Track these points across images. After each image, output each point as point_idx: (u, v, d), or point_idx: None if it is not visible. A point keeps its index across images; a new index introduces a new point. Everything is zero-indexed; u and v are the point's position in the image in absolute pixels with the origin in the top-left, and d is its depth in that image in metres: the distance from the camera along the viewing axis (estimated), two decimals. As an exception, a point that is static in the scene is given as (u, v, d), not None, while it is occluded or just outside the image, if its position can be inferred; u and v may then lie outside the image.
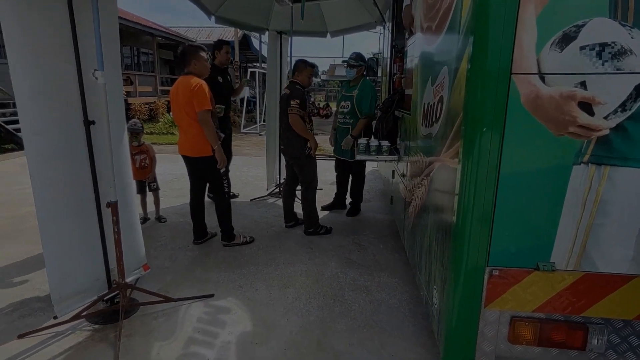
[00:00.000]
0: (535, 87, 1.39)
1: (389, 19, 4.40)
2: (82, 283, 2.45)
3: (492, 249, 1.52)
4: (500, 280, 1.54)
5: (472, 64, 1.43)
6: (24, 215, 4.40)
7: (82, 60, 2.25)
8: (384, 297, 2.84)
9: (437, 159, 1.89)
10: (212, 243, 3.72)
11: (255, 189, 5.51)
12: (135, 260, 2.71)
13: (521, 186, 1.47)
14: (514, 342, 1.62)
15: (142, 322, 2.53)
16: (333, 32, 5.65)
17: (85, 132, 2.33)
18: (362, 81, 4.13)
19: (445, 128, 1.76)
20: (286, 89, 3.79)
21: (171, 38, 14.52)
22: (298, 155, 3.75)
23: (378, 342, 2.35)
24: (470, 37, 1.45)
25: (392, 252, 3.58)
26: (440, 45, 1.91)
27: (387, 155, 3.35)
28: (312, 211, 3.89)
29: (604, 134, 1.43)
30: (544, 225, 1.50)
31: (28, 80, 2.10)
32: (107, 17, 2.29)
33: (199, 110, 3.10)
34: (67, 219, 2.33)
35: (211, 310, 2.65)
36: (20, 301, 2.73)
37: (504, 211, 1.48)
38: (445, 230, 1.74)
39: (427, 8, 2.21)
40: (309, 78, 3.82)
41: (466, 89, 1.47)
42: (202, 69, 3.26)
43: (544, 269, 1.51)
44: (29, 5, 2.04)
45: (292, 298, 2.81)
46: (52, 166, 2.23)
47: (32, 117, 2.14)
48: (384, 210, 4.78)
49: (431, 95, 2.05)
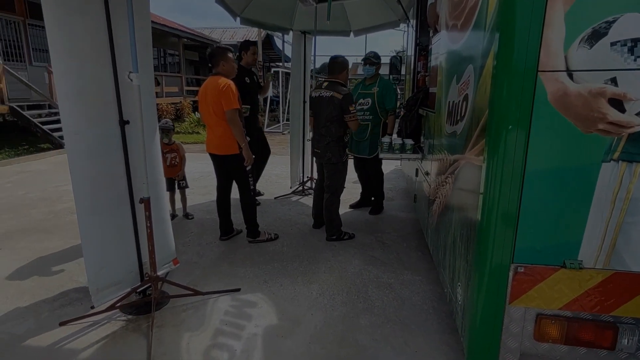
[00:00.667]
0: (563, 84, 1.38)
1: (413, 17, 4.37)
2: (117, 275, 2.58)
3: (518, 245, 1.52)
4: (526, 277, 1.54)
5: (497, 61, 1.44)
6: (59, 211, 4.64)
7: (118, 62, 2.37)
8: (407, 295, 2.85)
9: (461, 157, 1.90)
10: (238, 239, 3.82)
11: (279, 187, 5.60)
12: (166, 255, 2.83)
13: (547, 184, 1.46)
14: (539, 340, 1.62)
15: (172, 313, 2.64)
16: (356, 31, 5.67)
17: (121, 131, 2.46)
18: (379, 78, 4.18)
19: (470, 126, 1.76)
20: (330, 90, 3.49)
21: (196, 39, 14.84)
22: (336, 161, 3.60)
23: (402, 338, 2.37)
24: (496, 34, 1.46)
25: (415, 250, 3.58)
26: (465, 43, 1.92)
27: (411, 153, 3.35)
28: (334, 218, 3.77)
29: (635, 131, 1.41)
30: (572, 223, 1.49)
31: (69, 82, 2.23)
32: (140, 22, 2.40)
33: (227, 109, 3.20)
34: (104, 213, 2.45)
35: (238, 304, 2.74)
36: (61, 292, 2.89)
37: (529, 208, 1.48)
38: (469, 228, 1.75)
39: (453, 6, 2.20)
40: (347, 76, 3.68)
41: (492, 87, 1.47)
42: (230, 70, 3.35)
43: (571, 267, 1.50)
44: (70, 12, 2.17)
45: (316, 294, 2.86)
46: (90, 163, 2.36)
47: (72, 117, 2.27)
48: (407, 209, 4.77)
49: (456, 93, 2.05)
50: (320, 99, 3.54)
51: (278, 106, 14.30)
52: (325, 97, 3.50)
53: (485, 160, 1.53)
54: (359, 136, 4.24)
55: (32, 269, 3.23)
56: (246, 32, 17.37)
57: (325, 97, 3.50)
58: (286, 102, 14.73)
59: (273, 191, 5.45)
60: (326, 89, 3.53)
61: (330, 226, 3.77)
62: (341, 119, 3.51)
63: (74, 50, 2.21)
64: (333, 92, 3.48)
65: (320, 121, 3.57)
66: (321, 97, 3.54)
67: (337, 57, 3.63)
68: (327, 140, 3.56)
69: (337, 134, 3.55)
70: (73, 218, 4.40)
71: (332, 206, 3.73)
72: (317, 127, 3.63)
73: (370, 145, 4.21)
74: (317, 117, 3.62)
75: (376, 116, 4.13)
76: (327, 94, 3.50)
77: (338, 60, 3.61)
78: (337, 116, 3.50)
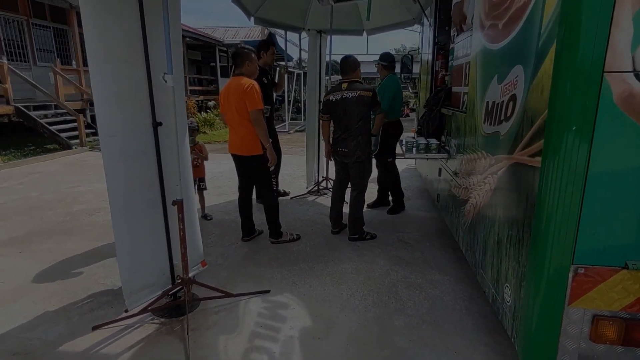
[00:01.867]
0: (630, 85, 1.37)
1: (431, 16, 4.36)
2: (150, 278, 2.56)
3: (578, 247, 1.52)
4: (586, 278, 1.53)
5: (561, 62, 1.43)
6: (76, 212, 4.62)
7: (152, 64, 2.35)
8: (437, 295, 2.85)
9: (508, 158, 1.89)
10: (260, 240, 3.81)
11: (293, 187, 5.58)
12: (195, 257, 2.81)
13: (610, 185, 1.46)
14: (596, 341, 1.61)
15: (204, 316, 2.62)
16: (370, 30, 5.66)
17: (154, 133, 2.44)
18: (387, 78, 4.24)
19: (520, 126, 1.76)
20: (354, 90, 3.47)
21: (199, 39, 14.78)
22: (365, 159, 3.62)
23: (438, 339, 2.37)
24: (557, 36, 1.45)
25: (440, 250, 3.57)
26: (511, 44, 1.91)
27: (436, 153, 3.35)
28: (360, 217, 3.77)
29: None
30: (634, 223, 1.48)
31: (106, 85, 2.21)
32: (173, 22, 2.37)
33: (251, 109, 3.19)
34: (137, 215, 2.44)
35: (269, 306, 2.73)
36: (88, 295, 2.87)
37: (591, 210, 1.48)
38: (520, 229, 1.74)
39: (492, 6, 2.19)
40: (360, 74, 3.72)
41: (553, 89, 1.46)
42: (254, 71, 3.35)
43: (634, 268, 1.50)
44: (106, 13, 2.15)
45: (346, 295, 2.85)
46: (124, 166, 2.34)
47: (107, 120, 2.26)
48: (426, 208, 4.76)
49: (498, 93, 2.05)
50: (345, 101, 3.50)
51: (282, 105, 14.26)
52: (352, 97, 3.48)
53: (544, 161, 1.52)
54: None
55: (55, 272, 3.21)
56: (248, 31, 17.32)
57: (352, 97, 3.48)
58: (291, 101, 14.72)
59: (289, 191, 5.43)
60: (349, 90, 3.50)
61: (354, 225, 3.76)
62: (369, 116, 3.56)
63: (111, 52, 2.20)
64: (359, 92, 3.47)
65: (349, 121, 3.52)
66: (346, 98, 3.50)
67: (348, 57, 3.63)
68: (359, 139, 3.54)
69: (368, 131, 3.59)
70: (92, 220, 4.39)
71: (359, 204, 3.74)
72: (344, 128, 3.57)
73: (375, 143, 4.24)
74: (342, 119, 3.56)
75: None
76: (352, 94, 3.48)
77: (350, 60, 3.61)
78: (367, 114, 3.53)
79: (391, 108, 4.15)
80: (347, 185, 3.88)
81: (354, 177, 3.72)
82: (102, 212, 4.57)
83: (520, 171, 1.76)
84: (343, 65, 3.62)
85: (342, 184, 3.88)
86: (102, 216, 4.48)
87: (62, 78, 9.83)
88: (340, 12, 5.03)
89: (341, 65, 3.65)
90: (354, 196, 3.75)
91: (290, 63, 16.72)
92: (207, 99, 15.59)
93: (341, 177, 3.87)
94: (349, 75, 3.58)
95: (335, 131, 3.68)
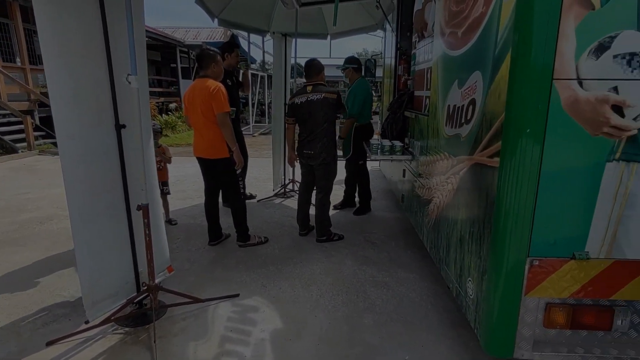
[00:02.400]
0: (574, 91, 1.51)
1: (394, 22, 4.51)
2: (113, 286, 2.47)
3: (533, 240, 1.64)
4: (540, 269, 1.66)
5: (515, 70, 1.54)
6: (25, 221, 4.33)
7: (114, 65, 2.27)
8: (404, 292, 2.94)
9: (469, 158, 2.00)
10: (227, 244, 3.76)
11: (259, 190, 5.55)
12: (161, 262, 2.74)
13: (560, 182, 1.59)
14: (548, 327, 1.75)
15: (171, 323, 2.56)
16: (334, 35, 5.75)
17: (117, 135, 2.36)
18: (356, 82, 4.33)
19: (480, 129, 1.87)
20: (319, 92, 3.53)
21: (158, 39, 14.30)
22: (330, 161, 3.68)
23: (407, 335, 2.45)
24: (511, 45, 1.56)
25: (405, 249, 3.69)
26: (469, 51, 2.03)
27: (401, 155, 3.46)
28: (326, 218, 3.82)
29: (633, 134, 1.57)
30: (580, 217, 1.63)
31: (63, 85, 2.11)
32: (136, 23, 2.31)
33: (218, 112, 3.16)
34: (99, 221, 2.34)
35: (239, 310, 2.70)
36: (42, 308, 2.71)
37: (544, 205, 1.61)
38: (482, 225, 1.85)
39: (450, 15, 2.32)
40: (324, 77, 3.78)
41: (509, 94, 1.58)
42: (219, 73, 3.32)
43: (580, 258, 1.64)
44: (63, 12, 2.06)
45: (316, 295, 2.88)
46: (85, 169, 2.25)
47: (66, 122, 2.16)
48: (391, 209, 4.90)
49: (459, 97, 2.16)
50: (310, 103, 3.56)
51: (246, 108, 14.10)
52: (317, 99, 3.54)
53: (502, 162, 1.63)
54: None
55: (2, 286, 2.99)
56: (210, 32, 16.99)
57: (317, 99, 3.54)
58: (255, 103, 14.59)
59: (253, 194, 5.39)
60: (314, 92, 3.56)
61: (321, 227, 3.80)
62: (334, 118, 3.65)
63: (69, 52, 2.10)
64: (324, 94, 3.54)
65: (314, 124, 3.58)
66: (311, 100, 3.55)
67: (312, 61, 3.70)
68: (324, 141, 3.60)
69: (333, 134, 3.67)
70: (44, 228, 4.14)
71: (324, 206, 3.79)
72: (309, 130, 3.61)
73: (347, 146, 4.33)
74: (307, 121, 3.60)
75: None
76: (317, 97, 3.54)
77: (314, 63, 3.68)
78: (332, 116, 3.62)
79: (361, 112, 4.25)
80: (313, 187, 3.91)
81: (320, 179, 3.77)
82: (56, 220, 4.32)
83: (480, 171, 1.88)
84: (307, 68, 3.67)
85: (308, 186, 3.91)
86: (55, 224, 4.23)
87: (3, 76, 9.17)
88: (305, 16, 5.08)
89: (305, 69, 3.70)
90: (319, 198, 3.79)
91: (253, 65, 16.58)
92: (167, 100, 15.12)
93: (307, 180, 3.89)
94: (313, 78, 3.64)
95: (301, 134, 3.71)
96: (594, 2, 1.46)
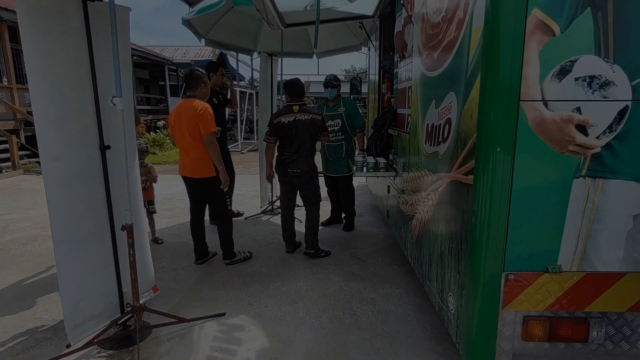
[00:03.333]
0: (540, 112, 1.59)
1: (377, 40, 4.65)
2: (96, 308, 2.44)
3: (508, 255, 1.70)
4: (515, 283, 1.71)
5: (485, 92, 1.63)
6: (7, 243, 4.27)
7: (99, 87, 2.31)
8: (390, 308, 2.96)
9: (447, 175, 2.07)
10: (214, 262, 3.75)
11: (247, 208, 5.55)
12: (146, 283, 2.72)
13: (531, 198, 1.66)
14: (527, 340, 1.79)
15: (156, 344, 2.53)
16: (320, 54, 5.88)
17: (101, 156, 2.38)
18: (342, 99, 4.41)
19: (456, 147, 1.94)
20: (306, 113, 3.61)
21: (147, 57, 14.40)
22: (315, 177, 3.76)
23: (392, 350, 2.46)
24: (480, 69, 1.65)
25: (391, 264, 3.73)
26: (444, 73, 2.12)
27: (385, 171, 3.53)
28: (317, 232, 3.88)
29: (596, 151, 1.65)
30: (551, 231, 1.69)
31: (48, 106, 2.14)
32: (122, 46, 2.36)
33: (205, 132, 3.20)
34: (83, 243, 2.34)
35: (225, 329, 2.69)
36: (22, 332, 2.66)
37: (517, 221, 1.67)
38: (459, 240, 1.90)
39: (427, 37, 2.42)
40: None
41: (480, 114, 1.66)
42: (207, 93, 3.39)
43: (553, 271, 1.70)
44: (49, 35, 2.10)
45: (302, 313, 2.89)
46: (69, 191, 2.26)
47: (50, 143, 2.17)
48: (377, 224, 4.94)
49: (436, 116, 2.24)
50: (297, 123, 3.60)
51: (235, 125, 14.17)
52: (305, 120, 3.61)
53: (476, 178, 1.70)
54: (334, 156, 4.41)
55: (-16, 309, 2.94)
56: (199, 50, 17.17)
57: (305, 120, 3.61)
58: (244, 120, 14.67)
59: (240, 211, 5.39)
60: (301, 112, 3.62)
61: (312, 238, 3.84)
62: (317, 138, 3.74)
63: (54, 74, 2.14)
64: (312, 115, 3.64)
65: (301, 143, 3.62)
66: (299, 120, 3.60)
67: (297, 81, 3.75)
68: (309, 160, 3.69)
69: (314, 152, 3.77)
70: (27, 249, 4.08)
71: (318, 218, 3.87)
72: (295, 149, 3.64)
73: (347, 164, 4.38)
74: (294, 140, 3.63)
75: (347, 135, 4.34)
76: (305, 117, 3.61)
77: (299, 84, 3.75)
78: (315, 136, 3.72)
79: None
80: (294, 204, 3.94)
81: (310, 196, 3.81)
82: (40, 240, 4.26)
83: (457, 188, 1.94)
84: (294, 88, 3.72)
85: (290, 203, 3.90)
86: (39, 244, 4.18)
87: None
88: (290, 36, 5.20)
89: (291, 89, 3.72)
90: (312, 211, 3.84)
91: (242, 82, 16.73)
92: (156, 118, 15.12)
93: (289, 197, 3.88)
94: (300, 98, 3.73)
95: (283, 153, 3.71)
96: (555, 29, 1.56)
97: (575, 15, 1.57)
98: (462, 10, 1.86)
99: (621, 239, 1.74)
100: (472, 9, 1.75)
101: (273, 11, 3.49)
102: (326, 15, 4.12)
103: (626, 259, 1.75)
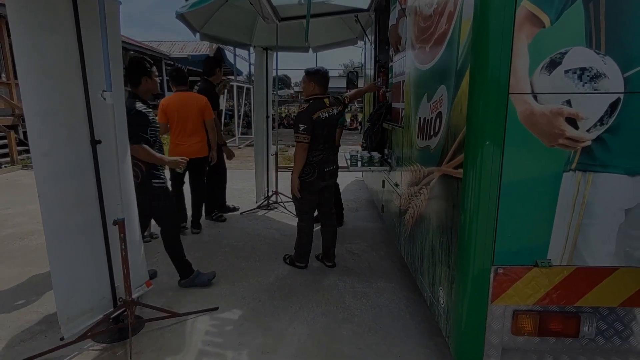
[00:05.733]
0: (530, 105, 1.58)
1: (372, 34, 4.61)
2: (89, 302, 2.44)
3: (497, 249, 1.69)
4: (505, 277, 1.71)
5: (474, 85, 1.61)
6: (4, 237, 4.27)
7: (89, 80, 2.29)
8: (383, 302, 2.96)
9: (438, 169, 2.06)
10: (208, 258, 3.74)
11: (242, 202, 5.54)
12: (139, 277, 2.72)
13: (520, 192, 1.65)
14: (516, 334, 1.79)
15: (149, 338, 2.54)
16: (315, 48, 5.84)
17: (92, 151, 2.36)
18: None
19: (446, 141, 1.93)
20: (335, 107, 3.20)
21: (144, 52, 14.29)
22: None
23: (384, 345, 2.47)
24: (470, 62, 1.63)
25: (386, 259, 3.72)
26: (436, 66, 2.10)
27: (379, 166, 3.52)
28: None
29: (587, 145, 1.64)
30: (541, 225, 1.68)
31: (39, 101, 2.12)
32: (112, 40, 2.34)
33: (209, 118, 3.99)
34: (75, 238, 2.33)
35: (218, 323, 2.69)
36: (19, 325, 2.67)
37: (506, 215, 1.66)
38: (449, 235, 1.90)
39: (419, 31, 2.40)
40: None
41: (469, 108, 1.64)
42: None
43: (542, 265, 1.69)
44: (39, 28, 2.08)
45: (295, 307, 2.89)
46: (60, 186, 2.24)
47: (41, 138, 2.16)
48: (373, 218, 4.94)
49: (427, 110, 2.23)
50: (331, 118, 3.18)
51: (232, 120, 14.12)
52: (337, 113, 3.24)
53: (465, 172, 1.69)
54: None
55: (-19, 303, 2.94)
56: (196, 45, 17.04)
57: (337, 113, 3.24)
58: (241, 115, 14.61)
59: (238, 206, 5.39)
60: (332, 106, 3.19)
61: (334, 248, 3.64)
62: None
63: (44, 68, 2.12)
64: (339, 108, 3.27)
65: (329, 138, 3.23)
66: (332, 115, 3.19)
67: (325, 71, 3.23)
68: (335, 157, 3.41)
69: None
70: (23, 244, 4.08)
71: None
72: (327, 146, 3.22)
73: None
74: (327, 137, 3.19)
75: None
76: (336, 111, 3.22)
77: (328, 73, 3.26)
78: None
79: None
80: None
81: (334, 194, 3.50)
82: (37, 235, 4.26)
83: (448, 182, 1.93)
84: (324, 79, 3.19)
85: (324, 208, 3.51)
86: (35, 239, 4.18)
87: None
88: (286, 30, 5.16)
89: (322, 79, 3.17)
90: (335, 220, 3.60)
91: (240, 77, 16.65)
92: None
93: (314, 207, 3.43)
94: (326, 89, 3.23)
95: (316, 153, 3.17)
96: (544, 20, 1.54)
97: (566, 6, 1.55)
98: (452, 2, 1.84)
99: (612, 233, 1.73)
100: (462, 0, 1.73)
101: (267, 5, 3.46)
102: (321, 8, 4.09)
103: (618, 254, 1.75)
